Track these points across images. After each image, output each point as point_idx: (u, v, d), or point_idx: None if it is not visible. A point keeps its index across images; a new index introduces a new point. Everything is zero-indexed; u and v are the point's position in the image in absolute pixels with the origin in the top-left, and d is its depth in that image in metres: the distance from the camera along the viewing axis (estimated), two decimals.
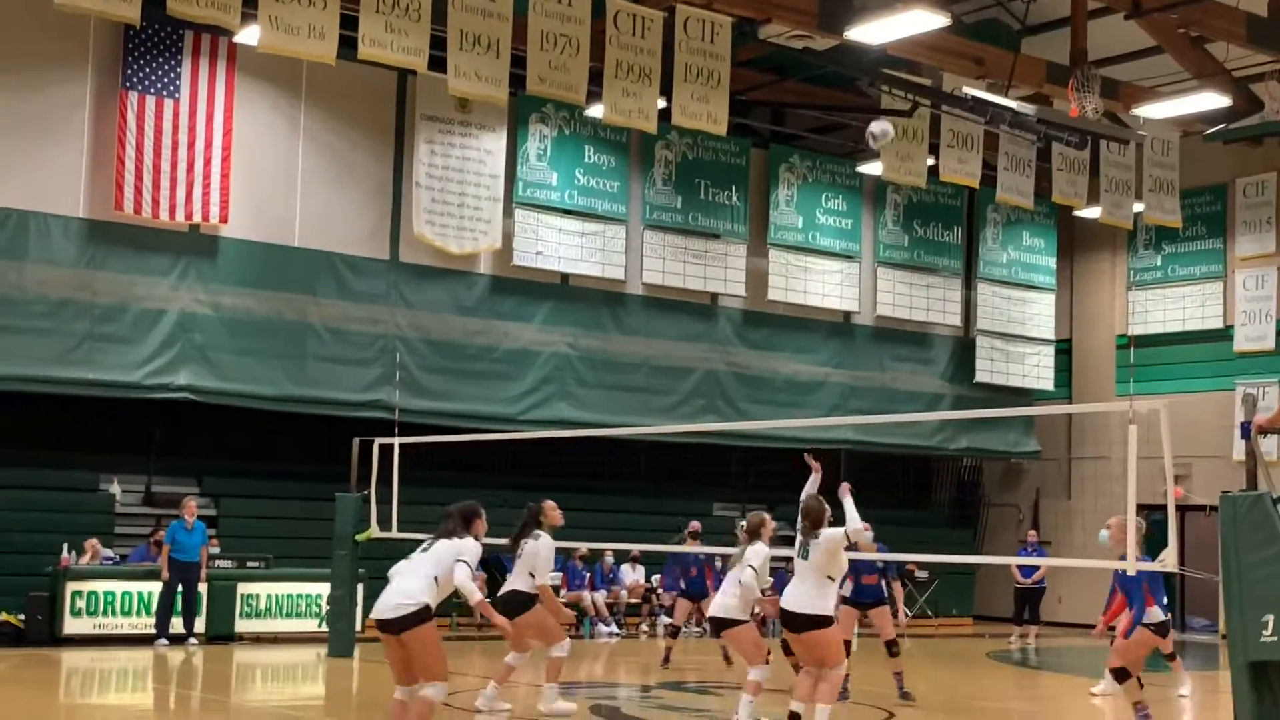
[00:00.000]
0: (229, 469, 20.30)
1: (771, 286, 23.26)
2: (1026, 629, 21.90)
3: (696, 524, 18.59)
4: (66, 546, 17.33)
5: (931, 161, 20.12)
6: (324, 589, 17.58)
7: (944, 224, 25.34)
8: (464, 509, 9.12)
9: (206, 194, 18.38)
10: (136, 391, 18.27)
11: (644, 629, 21.70)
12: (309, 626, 18.28)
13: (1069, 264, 27.02)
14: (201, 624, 17.52)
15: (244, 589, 18.08)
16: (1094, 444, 25.81)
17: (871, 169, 22.16)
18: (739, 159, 23.06)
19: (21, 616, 16.92)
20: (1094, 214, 22.01)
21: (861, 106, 22.52)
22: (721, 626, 11.30)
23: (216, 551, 18.24)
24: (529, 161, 20.94)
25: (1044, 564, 20.89)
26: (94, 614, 17.07)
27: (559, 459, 22.22)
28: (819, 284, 23.78)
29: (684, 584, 17.95)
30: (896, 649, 13.66)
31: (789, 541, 11.16)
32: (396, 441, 16.04)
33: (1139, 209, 21.94)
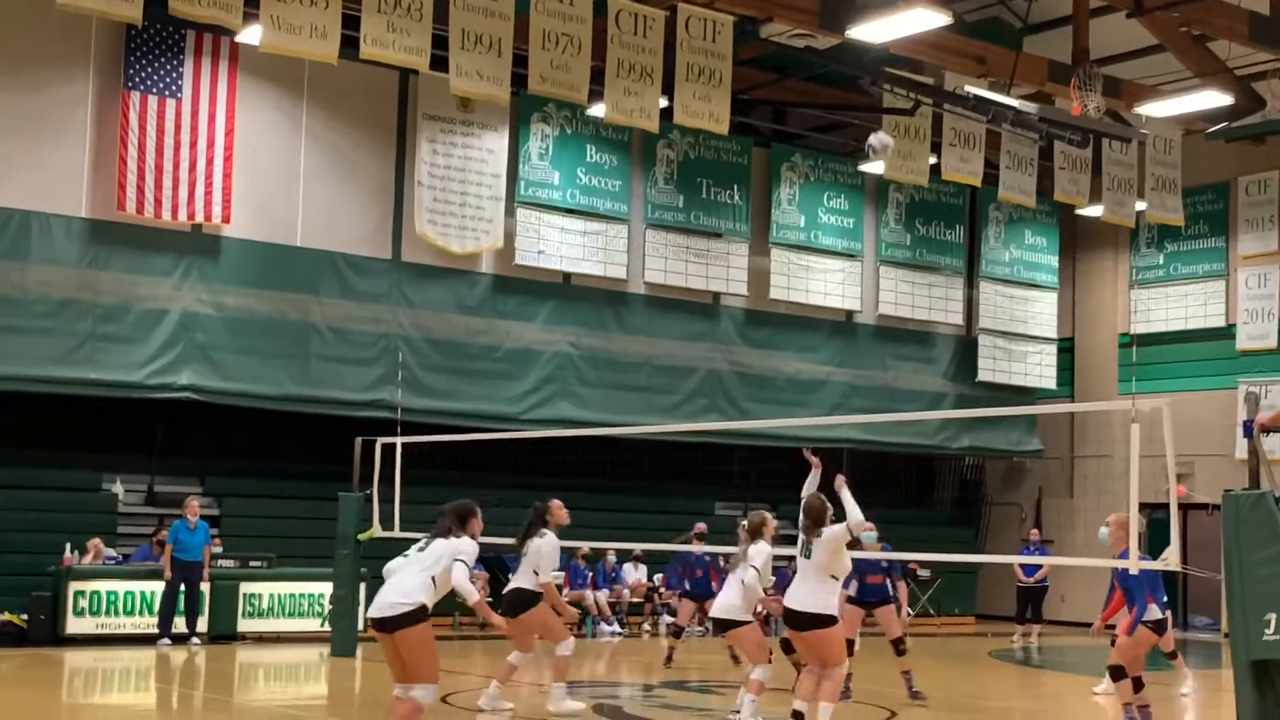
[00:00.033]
0: (231, 469, 20.32)
1: (773, 285, 23.26)
2: (1029, 628, 21.89)
3: (702, 525, 18.57)
4: (69, 546, 17.35)
5: (933, 160, 20.12)
6: (326, 588, 17.59)
7: (946, 223, 25.33)
8: (459, 508, 9.10)
9: (209, 194, 18.39)
10: (139, 391, 18.28)
11: (646, 628, 21.70)
12: (311, 626, 18.29)
13: (1071, 263, 27.01)
14: (204, 624, 17.53)
15: (246, 588, 18.09)
16: (1096, 443, 25.79)
17: (873, 168, 22.13)
18: (741, 158, 23.05)
19: (24, 616, 16.93)
20: (1096, 212, 22.02)
21: (863, 105, 22.53)
22: (724, 626, 11.30)
23: (219, 551, 18.25)
24: (531, 161, 20.94)
25: (1046, 563, 20.86)
26: (97, 614, 17.09)
27: (561, 458, 22.22)
28: (821, 283, 23.78)
29: (689, 585, 17.98)
30: (903, 647, 13.62)
31: (791, 541, 11.16)
32: (399, 441, 16.06)
33: (1141, 207, 21.93)
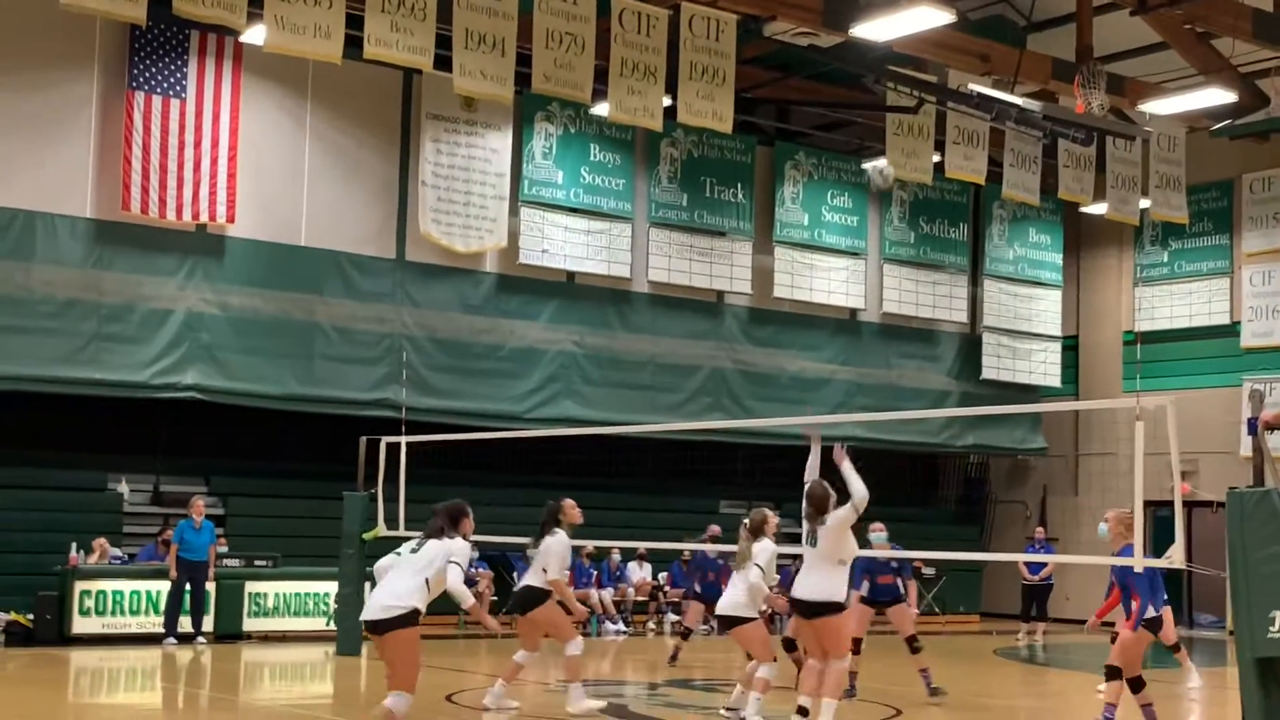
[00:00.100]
0: (236, 468, 20.33)
1: (777, 284, 23.26)
2: (1034, 626, 21.88)
3: (716, 528, 18.52)
4: (75, 546, 17.38)
5: (937, 158, 20.12)
6: (332, 588, 17.60)
7: (950, 221, 25.33)
8: (451, 508, 9.09)
9: (213, 194, 18.40)
10: (144, 391, 18.31)
11: (651, 626, 21.71)
12: (317, 625, 18.31)
13: (1075, 260, 26.99)
14: (209, 623, 17.55)
15: (252, 588, 18.11)
16: (1101, 440, 25.76)
17: (877, 166, 22.12)
18: (744, 156, 23.05)
19: (30, 616, 16.95)
20: (1100, 210, 22.01)
21: (867, 104, 22.54)
22: (729, 624, 11.31)
23: (224, 550, 18.28)
24: (534, 160, 20.95)
25: (1051, 561, 20.85)
26: (102, 613, 17.12)
27: (565, 457, 22.21)
28: (825, 281, 23.78)
29: (699, 587, 17.78)
30: (918, 645, 13.56)
31: (795, 540, 11.16)
32: (403, 440, 16.08)
33: (1145, 205, 21.93)
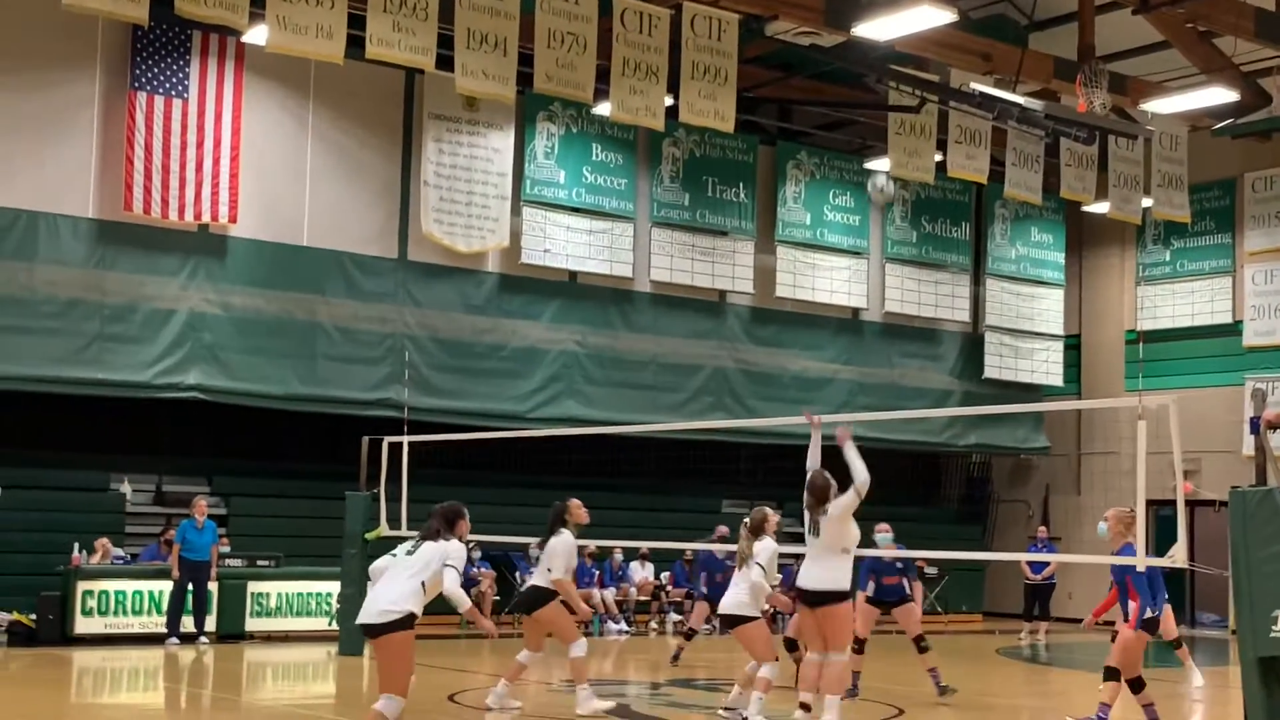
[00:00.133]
0: (239, 468, 20.36)
1: (779, 283, 23.26)
2: (1036, 625, 21.88)
3: (725, 529, 18.52)
4: (77, 546, 17.39)
5: (939, 157, 20.09)
6: (334, 587, 17.60)
7: (952, 220, 25.32)
8: (447, 509, 9.08)
9: (215, 194, 18.42)
10: (146, 391, 18.32)
11: (653, 626, 21.71)
12: (319, 625, 18.32)
13: (1078, 259, 26.98)
14: (212, 623, 17.56)
15: (254, 588, 18.12)
16: (1103, 439, 25.75)
17: (879, 165, 22.15)
18: (746, 156, 23.04)
19: (33, 616, 16.97)
20: (1102, 209, 21.99)
21: (869, 103, 22.52)
22: (732, 623, 11.30)
23: (227, 550, 18.27)
24: (537, 160, 20.95)
25: (1054, 560, 20.85)
26: (105, 613, 17.13)
27: (567, 457, 22.24)
28: (827, 280, 23.78)
29: (706, 588, 17.72)
30: (926, 644, 13.52)
31: (795, 539, 11.16)
32: (405, 440, 16.08)
33: (1148, 204, 21.90)
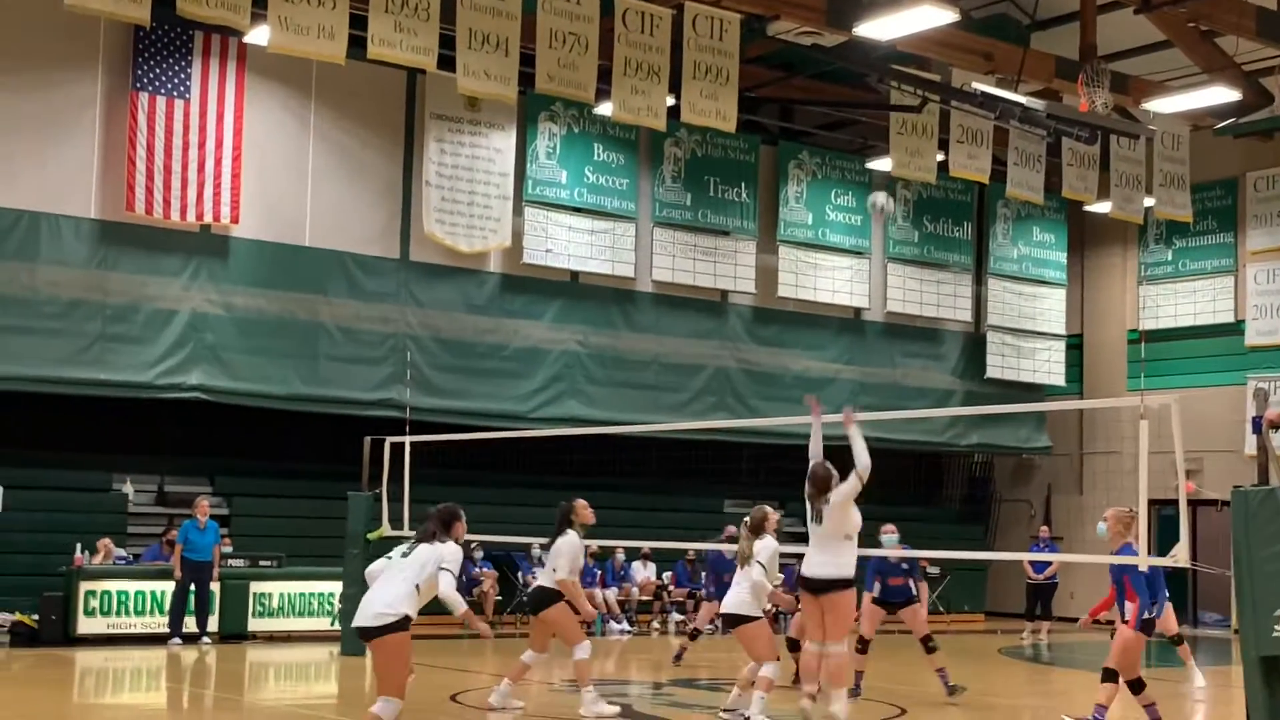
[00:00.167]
0: (241, 468, 20.37)
1: (781, 283, 23.26)
2: (1038, 625, 21.88)
3: (733, 529, 18.49)
4: (79, 546, 17.40)
5: (941, 157, 20.11)
6: (336, 588, 17.59)
7: (954, 220, 25.32)
8: (444, 512, 9.09)
9: (217, 194, 18.42)
10: (148, 391, 18.33)
11: (655, 626, 21.71)
12: (321, 625, 18.32)
13: (1079, 259, 26.98)
14: (214, 623, 17.57)
15: (256, 588, 18.13)
16: (1105, 439, 25.75)
17: (881, 165, 22.14)
18: (748, 156, 23.04)
19: (35, 616, 16.98)
20: (1104, 209, 21.99)
21: (870, 103, 22.52)
22: (734, 622, 11.30)
23: (229, 551, 18.29)
24: (538, 160, 20.96)
25: (1056, 559, 20.85)
26: (107, 614, 17.13)
27: (569, 456, 22.25)
28: (829, 280, 23.78)
29: (714, 588, 17.67)
30: (933, 645, 13.48)
31: (796, 539, 11.17)
32: (408, 440, 16.07)
33: (1149, 204, 21.91)
